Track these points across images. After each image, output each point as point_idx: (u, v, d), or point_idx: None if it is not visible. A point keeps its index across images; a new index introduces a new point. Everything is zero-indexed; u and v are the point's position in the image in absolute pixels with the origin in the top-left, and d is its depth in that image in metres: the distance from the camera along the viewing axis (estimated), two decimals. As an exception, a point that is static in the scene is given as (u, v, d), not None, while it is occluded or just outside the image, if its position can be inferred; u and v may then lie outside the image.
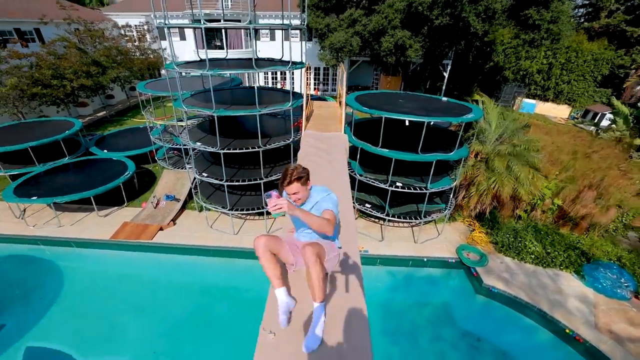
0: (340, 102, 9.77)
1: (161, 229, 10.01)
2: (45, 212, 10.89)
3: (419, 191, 9.29)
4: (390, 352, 7.48)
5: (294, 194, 2.54)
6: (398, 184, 9.47)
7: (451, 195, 10.35)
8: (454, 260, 9.50)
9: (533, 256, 9.30)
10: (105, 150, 13.09)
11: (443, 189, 9.55)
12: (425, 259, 9.47)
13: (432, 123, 9.78)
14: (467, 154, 9.37)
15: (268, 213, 10.31)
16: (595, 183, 9.17)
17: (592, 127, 18.55)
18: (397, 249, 9.70)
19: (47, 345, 7.20)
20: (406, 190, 9.27)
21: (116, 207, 11.22)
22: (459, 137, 9.08)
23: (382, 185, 9.42)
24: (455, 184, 9.73)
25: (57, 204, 10.52)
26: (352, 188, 8.94)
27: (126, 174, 11.04)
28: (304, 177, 2.60)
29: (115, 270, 9.25)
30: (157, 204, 10.91)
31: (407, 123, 8.47)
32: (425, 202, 9.64)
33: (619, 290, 8.47)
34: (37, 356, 7.01)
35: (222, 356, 7.00)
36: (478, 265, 9.22)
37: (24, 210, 11.02)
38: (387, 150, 9.07)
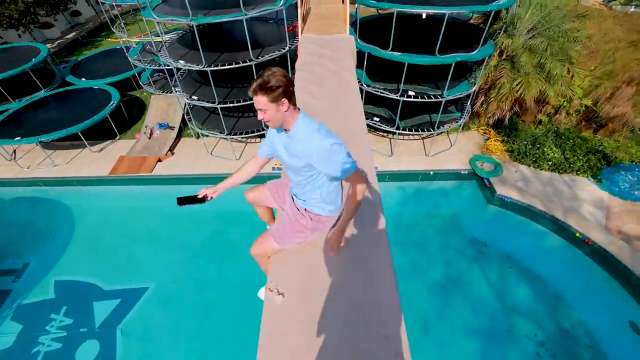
0: (341, -3, 7.99)
1: (159, 160, 9.52)
2: (36, 153, 10.30)
3: (433, 100, 8.27)
4: (400, 261, 7.61)
5: (260, 110, 1.83)
6: (410, 93, 8.40)
7: (468, 102, 9.31)
8: (466, 172, 9.04)
9: (550, 163, 8.74)
10: (84, 79, 11.73)
11: (459, 96, 8.48)
12: (431, 172, 8.99)
13: (453, 14, 8.10)
14: (492, 52, 8.00)
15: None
16: (638, 77, 7.94)
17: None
18: (408, 163, 9.17)
19: (73, 278, 7.44)
20: (419, 100, 8.25)
21: (109, 141, 10.56)
22: (484, 33, 7.59)
23: (393, 96, 8.37)
24: (474, 89, 8.60)
25: (45, 143, 9.87)
26: (360, 102, 7.96)
27: (111, 104, 10.00)
28: (274, 89, 1.77)
29: (122, 204, 9.09)
30: (150, 134, 10.19)
31: (423, 16, 6.97)
32: (440, 112, 8.68)
33: (636, 192, 8.13)
34: (67, 287, 7.30)
35: (243, 277, 7.10)
36: (492, 175, 8.77)
37: (14, 151, 10.41)
38: (399, 53, 7.75)
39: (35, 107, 10.40)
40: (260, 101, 1.81)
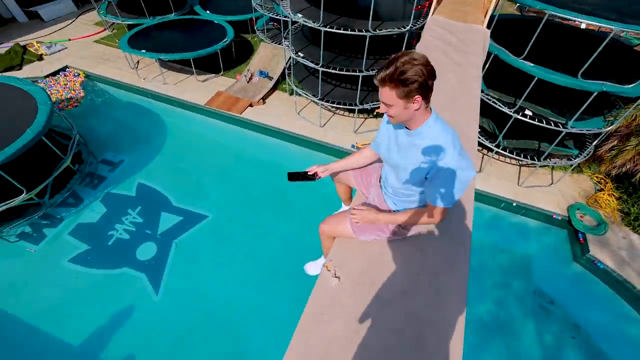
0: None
1: (251, 105, 9.79)
2: (153, 68, 11.29)
3: (552, 127, 7.01)
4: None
5: (384, 103, 1.53)
6: (527, 112, 7.22)
7: (593, 143, 7.75)
8: (559, 218, 7.71)
9: (675, 242, 7.00)
10: (208, 12, 12.37)
11: (585, 132, 7.05)
12: (517, 204, 7.86)
13: (622, 34, 6.56)
14: (655, 92, 6.37)
15: (359, 111, 9.16)
16: None
17: None
18: (494, 186, 8.12)
19: (152, 185, 8.17)
20: (535, 123, 7.06)
21: (213, 75, 11.12)
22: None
23: (505, 110, 7.30)
24: (608, 129, 7.06)
25: (162, 61, 10.70)
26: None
27: (224, 40, 10.43)
28: (408, 83, 1.42)
29: (208, 135, 9.62)
30: (250, 79, 10.50)
31: (583, 26, 5.69)
32: (554, 144, 7.36)
33: None
34: (146, 191, 8.06)
35: (293, 232, 7.23)
36: (591, 232, 7.35)
37: (137, 62, 11.54)
38: (532, 64, 6.58)
39: (163, 27, 11.31)
40: (387, 95, 1.48)
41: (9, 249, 6.68)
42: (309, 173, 2.14)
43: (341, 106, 8.89)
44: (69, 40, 12.70)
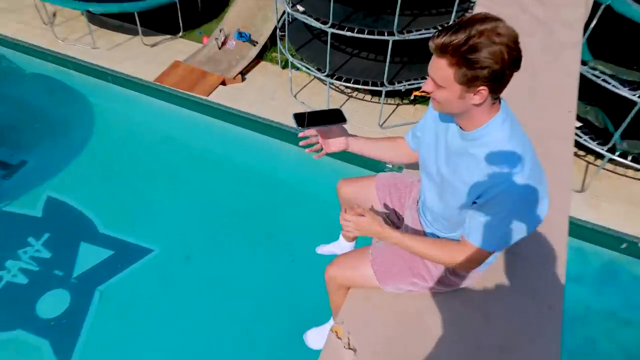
0: None
1: (223, 83, 9.89)
2: (77, 24, 11.49)
3: None
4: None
5: (433, 80, 1.53)
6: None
7: None
8: None
9: None
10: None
11: None
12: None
13: None
14: None
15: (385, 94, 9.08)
16: None
17: None
18: (609, 214, 8.00)
19: (69, 201, 8.13)
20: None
21: (168, 36, 11.32)
22: None
23: (625, 92, 7.29)
24: None
25: (91, 15, 10.82)
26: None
27: (186, -16, 10.74)
28: (476, 66, 1.39)
29: (156, 126, 9.72)
30: (223, 43, 10.64)
31: None
32: None
33: None
34: (58, 210, 8.02)
35: (277, 277, 7.21)
36: None
37: (54, 14, 11.71)
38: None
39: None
40: (443, 71, 1.47)
41: None
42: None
43: (360, 86, 8.88)
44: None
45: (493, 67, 1.38)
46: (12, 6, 11.94)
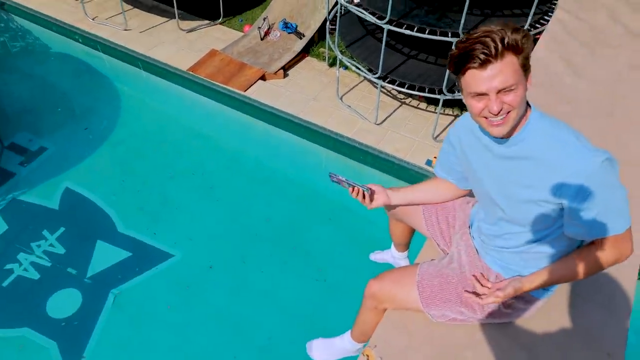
0: None
1: (263, 77, 9.92)
2: (110, 2, 11.71)
3: None
4: None
5: (500, 91, 1.59)
6: None
7: None
8: None
9: None
10: None
11: None
12: None
13: None
14: None
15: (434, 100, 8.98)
16: None
17: None
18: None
19: (88, 194, 8.27)
20: None
21: (206, 22, 11.42)
22: None
23: None
24: None
25: (125, -8, 11.12)
26: None
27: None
28: (525, 43, 1.61)
29: (186, 119, 9.89)
30: (266, 33, 10.68)
31: None
32: None
33: None
34: (75, 203, 8.17)
35: (303, 294, 7.31)
36: None
37: None
38: None
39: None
40: (513, 68, 1.57)
41: None
42: (357, 192, 2.27)
43: (416, 92, 8.83)
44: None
45: (530, 45, 1.62)
46: (41, -23, 12.36)
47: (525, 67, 1.62)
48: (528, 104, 1.76)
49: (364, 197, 2.25)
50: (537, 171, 1.73)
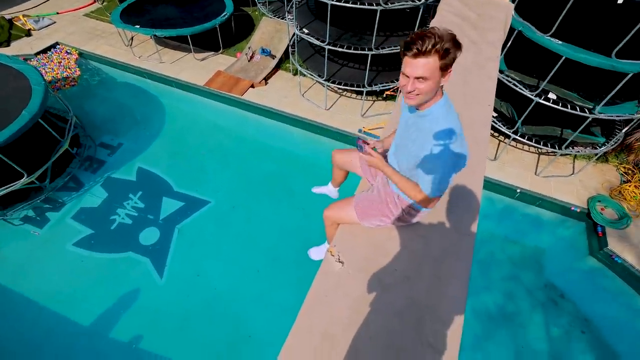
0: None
1: (252, 86, 10.08)
2: (148, 45, 11.63)
3: (577, 112, 7.29)
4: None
5: (417, 78, 1.53)
6: (551, 95, 7.47)
7: (623, 130, 7.99)
8: (577, 210, 8.05)
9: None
10: (205, -18, 12.56)
11: (615, 117, 7.31)
12: (533, 195, 8.16)
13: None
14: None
15: (368, 93, 9.48)
16: None
17: None
18: (510, 175, 8.47)
19: (153, 170, 8.70)
20: (559, 107, 7.33)
21: (212, 52, 11.40)
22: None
23: (526, 93, 7.54)
24: (640, 115, 7.29)
25: (157, 39, 11.04)
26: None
27: (223, 14, 10.69)
28: (449, 54, 1.50)
29: (208, 117, 10.06)
30: (251, 57, 10.75)
31: (620, 0, 5.89)
32: (579, 130, 7.64)
33: None
34: (146, 176, 8.59)
35: (292, 218, 7.71)
36: (612, 225, 7.73)
37: (131, 38, 11.88)
38: (561, 42, 6.77)
39: (157, 0, 11.61)
40: (431, 66, 1.48)
41: (14, 231, 7.39)
42: (364, 145, 2.10)
43: (348, 87, 9.06)
44: (57, 13, 13.07)
45: (455, 53, 1.51)
46: (103, 34, 12.16)
47: (445, 68, 1.51)
48: (443, 92, 1.68)
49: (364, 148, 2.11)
50: (421, 135, 1.74)
